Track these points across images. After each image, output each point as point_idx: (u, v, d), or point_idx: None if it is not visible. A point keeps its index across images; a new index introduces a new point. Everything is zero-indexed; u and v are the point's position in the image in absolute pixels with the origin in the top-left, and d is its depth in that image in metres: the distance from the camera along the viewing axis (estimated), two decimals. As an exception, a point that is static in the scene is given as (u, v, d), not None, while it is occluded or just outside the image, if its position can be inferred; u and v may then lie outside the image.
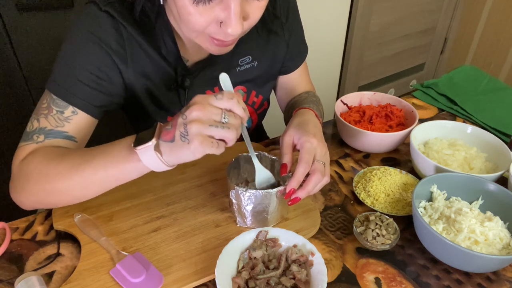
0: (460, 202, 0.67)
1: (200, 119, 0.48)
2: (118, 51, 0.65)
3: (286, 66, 0.87)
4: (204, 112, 0.49)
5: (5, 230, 0.65)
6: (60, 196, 0.60)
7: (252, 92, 0.83)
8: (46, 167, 0.58)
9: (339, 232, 0.67)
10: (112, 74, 0.66)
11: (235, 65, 0.78)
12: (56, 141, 0.64)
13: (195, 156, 0.50)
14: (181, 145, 0.49)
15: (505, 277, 0.60)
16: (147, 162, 0.52)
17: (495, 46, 2.25)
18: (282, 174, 0.62)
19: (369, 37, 2.06)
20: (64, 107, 0.63)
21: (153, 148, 0.50)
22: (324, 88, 2.06)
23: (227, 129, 0.50)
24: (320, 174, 0.60)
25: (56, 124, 0.63)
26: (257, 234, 0.59)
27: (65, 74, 0.63)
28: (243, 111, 0.52)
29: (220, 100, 0.50)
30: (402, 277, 0.59)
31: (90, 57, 0.63)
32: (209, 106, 0.49)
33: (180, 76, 0.72)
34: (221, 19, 0.55)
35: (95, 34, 0.63)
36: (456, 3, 2.35)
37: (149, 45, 0.68)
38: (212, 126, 0.49)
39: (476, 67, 1.23)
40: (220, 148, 0.51)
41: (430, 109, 1.07)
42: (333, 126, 0.97)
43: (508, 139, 0.91)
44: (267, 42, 0.80)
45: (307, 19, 1.76)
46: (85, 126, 0.66)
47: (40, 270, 0.59)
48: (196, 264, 0.59)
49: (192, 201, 0.70)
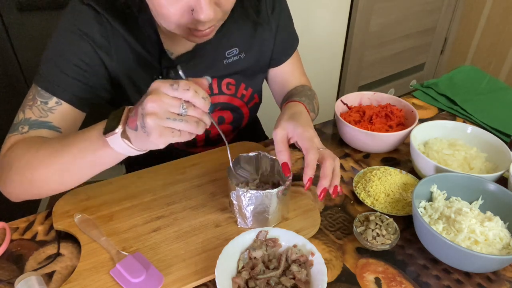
0: (460, 202, 0.67)
1: (156, 112, 0.46)
2: (102, 44, 0.67)
3: (275, 59, 0.86)
4: (160, 103, 0.46)
5: (5, 230, 0.65)
6: (40, 184, 0.59)
7: (241, 84, 0.83)
8: (26, 155, 0.59)
9: (339, 232, 0.67)
10: (96, 67, 0.67)
11: (222, 57, 0.78)
12: (40, 131, 0.64)
13: (158, 146, 0.49)
14: (142, 135, 0.48)
15: (505, 277, 0.60)
16: (118, 149, 0.52)
17: (495, 46, 2.25)
18: (287, 175, 0.60)
19: (369, 37, 2.06)
20: (48, 98, 0.65)
21: (120, 135, 0.50)
22: (324, 88, 2.06)
23: (185, 122, 0.47)
24: (330, 158, 0.60)
25: (40, 115, 0.64)
26: (257, 234, 0.59)
27: (50, 67, 0.65)
28: (202, 101, 0.48)
29: (176, 90, 0.47)
30: (402, 277, 0.59)
31: (74, 50, 0.65)
32: (165, 97, 0.47)
33: (164, 68, 0.72)
34: (191, 6, 0.55)
35: (78, 27, 0.65)
36: (456, 3, 2.35)
37: (133, 38, 0.68)
38: (169, 119, 0.46)
39: (476, 67, 1.23)
40: (184, 136, 0.49)
41: (430, 109, 1.07)
42: (333, 126, 0.97)
43: (508, 139, 0.91)
44: (253, 34, 0.80)
45: (307, 19, 1.77)
46: (70, 117, 0.67)
47: (40, 270, 0.59)
48: (196, 264, 0.59)
49: (192, 201, 0.70)
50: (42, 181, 0.59)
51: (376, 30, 2.07)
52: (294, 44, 0.89)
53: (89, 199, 0.70)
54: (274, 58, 0.86)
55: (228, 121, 0.86)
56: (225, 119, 0.85)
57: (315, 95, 0.85)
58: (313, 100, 0.81)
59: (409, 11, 2.14)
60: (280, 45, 0.85)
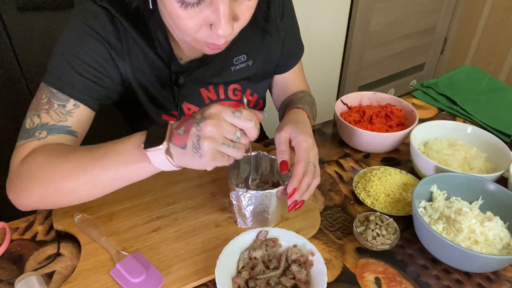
0: (460, 202, 0.67)
1: (214, 136, 0.48)
2: (115, 45, 0.66)
3: (281, 66, 0.87)
4: (219, 129, 0.48)
5: (5, 230, 0.65)
6: (65, 196, 0.58)
7: (247, 90, 0.83)
8: (50, 166, 0.57)
9: (339, 232, 0.67)
10: (109, 67, 0.67)
11: (230, 64, 0.78)
12: (58, 136, 0.62)
13: (205, 168, 0.51)
14: (192, 155, 0.49)
15: (505, 277, 0.60)
16: (158, 164, 0.52)
17: (495, 46, 2.25)
18: (283, 172, 0.62)
19: (369, 37, 2.06)
20: (65, 101, 0.62)
21: (164, 152, 0.50)
22: (324, 88, 2.06)
23: (236, 149, 0.50)
24: (311, 175, 0.62)
25: (59, 119, 0.62)
26: (257, 234, 0.59)
27: (64, 68, 0.63)
28: (256, 133, 0.51)
29: (238, 119, 0.49)
30: (402, 277, 0.59)
31: (88, 50, 0.64)
32: (225, 123, 0.48)
33: (174, 73, 0.72)
34: (211, 21, 0.54)
35: (92, 27, 0.64)
36: (456, 3, 2.35)
37: (144, 41, 0.68)
38: (224, 144, 0.49)
39: (476, 67, 1.23)
40: (230, 161, 0.52)
41: (430, 109, 1.07)
42: (333, 126, 0.97)
43: (508, 139, 0.91)
44: (261, 42, 0.80)
45: (307, 19, 1.77)
46: (85, 119, 0.66)
47: (40, 270, 0.59)
48: (196, 264, 0.59)
49: (192, 201, 0.70)
50: (68, 193, 0.57)
51: (376, 30, 2.07)
52: (300, 52, 0.90)
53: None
54: (281, 65, 0.87)
55: None
56: None
57: (314, 101, 0.86)
58: (313, 106, 0.82)
59: (409, 11, 2.14)
60: (287, 53, 0.85)
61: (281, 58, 0.85)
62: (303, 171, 0.61)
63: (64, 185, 0.56)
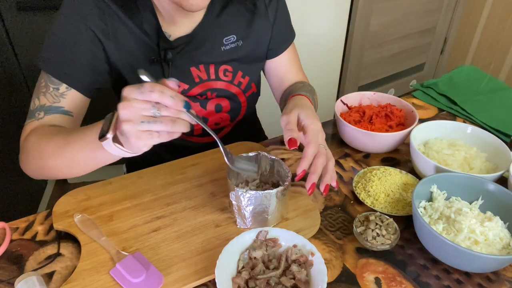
0: (460, 202, 0.67)
1: (129, 117, 0.48)
2: (100, 26, 0.69)
3: (272, 49, 0.88)
4: (131, 109, 0.47)
5: (5, 230, 0.65)
6: (52, 171, 0.66)
7: (238, 72, 0.84)
8: (39, 145, 0.64)
9: (339, 232, 0.67)
10: (97, 51, 0.70)
11: (220, 44, 0.80)
12: (54, 116, 0.69)
13: (142, 150, 0.51)
14: (125, 140, 0.50)
15: (505, 277, 0.60)
16: (113, 152, 0.54)
17: (495, 46, 2.25)
18: (291, 147, 0.59)
19: (369, 37, 2.06)
20: (58, 84, 0.68)
21: (111, 141, 0.51)
22: (324, 88, 2.06)
23: (159, 123, 0.48)
24: (324, 156, 0.61)
25: (54, 100, 0.68)
26: (257, 234, 0.59)
27: (55, 53, 0.68)
28: (172, 100, 0.48)
29: (142, 93, 0.48)
30: (402, 277, 0.59)
31: (76, 36, 0.68)
32: (135, 101, 0.48)
33: (162, 50, 0.73)
34: None
35: (77, 11, 0.67)
36: (456, 3, 2.35)
37: (130, 20, 0.70)
38: (143, 122, 0.48)
39: (476, 67, 1.23)
40: (163, 136, 0.50)
41: (430, 109, 1.07)
42: (333, 126, 0.97)
43: (508, 139, 0.91)
44: (250, 23, 0.82)
45: (307, 19, 1.77)
46: (78, 102, 0.71)
47: (40, 270, 0.59)
48: (196, 264, 0.59)
49: (192, 201, 0.70)
50: (53, 169, 0.65)
51: (376, 30, 2.07)
52: (291, 37, 0.91)
53: (89, 199, 0.70)
54: (271, 48, 0.88)
55: (226, 110, 0.87)
56: (223, 108, 0.86)
57: (315, 91, 0.87)
58: (313, 95, 0.83)
59: (409, 11, 2.14)
60: (278, 36, 0.87)
61: (272, 41, 0.87)
62: (313, 152, 0.60)
63: (49, 163, 0.64)
